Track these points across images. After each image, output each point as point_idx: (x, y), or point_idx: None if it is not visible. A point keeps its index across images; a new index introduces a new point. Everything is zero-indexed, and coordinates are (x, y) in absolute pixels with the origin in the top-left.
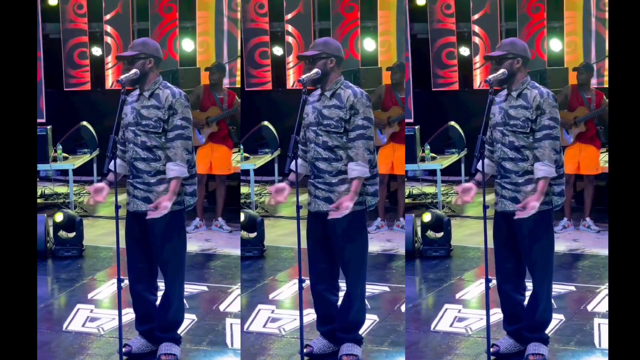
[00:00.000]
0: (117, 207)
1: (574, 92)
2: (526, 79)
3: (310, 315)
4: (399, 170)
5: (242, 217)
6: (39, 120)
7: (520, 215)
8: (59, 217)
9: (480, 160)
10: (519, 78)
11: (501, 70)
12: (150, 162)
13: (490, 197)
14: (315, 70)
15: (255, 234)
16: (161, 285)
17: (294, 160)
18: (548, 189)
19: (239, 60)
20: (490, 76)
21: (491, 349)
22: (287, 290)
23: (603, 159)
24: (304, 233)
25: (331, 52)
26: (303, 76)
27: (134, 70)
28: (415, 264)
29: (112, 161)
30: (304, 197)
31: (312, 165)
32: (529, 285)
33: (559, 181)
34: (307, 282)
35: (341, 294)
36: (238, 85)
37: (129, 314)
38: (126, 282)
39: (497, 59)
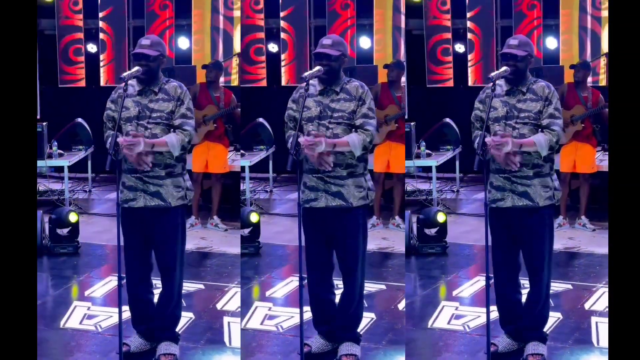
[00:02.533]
0: (119, 205)
1: (570, 90)
2: (529, 75)
3: (307, 312)
4: (395, 169)
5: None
6: None
7: (491, 142)
8: (72, 217)
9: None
10: (527, 76)
11: (504, 68)
12: (160, 154)
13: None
14: (317, 67)
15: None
16: (156, 282)
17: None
18: (550, 184)
19: (234, 59)
20: (493, 73)
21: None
22: (283, 287)
23: (599, 157)
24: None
25: (346, 53)
26: (306, 73)
27: (136, 68)
28: (410, 261)
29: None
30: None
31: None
32: (524, 282)
33: (555, 175)
34: (305, 280)
35: (337, 292)
36: (233, 84)
37: (125, 312)
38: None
39: (518, 57)
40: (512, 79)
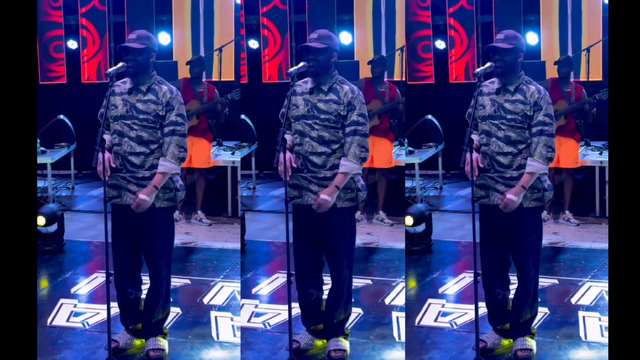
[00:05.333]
0: (106, 201)
1: (553, 85)
2: (522, 74)
3: (295, 309)
4: (378, 164)
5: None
6: None
7: (505, 209)
8: (40, 220)
9: (469, 153)
10: (518, 73)
11: (488, 64)
12: (145, 156)
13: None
14: (302, 63)
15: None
16: (145, 279)
17: (284, 154)
18: (538, 185)
19: (215, 54)
20: (478, 69)
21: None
22: (269, 285)
23: (582, 152)
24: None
25: (335, 47)
26: (291, 69)
27: (120, 64)
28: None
29: (102, 154)
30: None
31: (305, 159)
32: (512, 279)
33: (545, 176)
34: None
35: (325, 288)
36: (214, 79)
37: (113, 308)
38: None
39: (504, 51)
40: (500, 73)
